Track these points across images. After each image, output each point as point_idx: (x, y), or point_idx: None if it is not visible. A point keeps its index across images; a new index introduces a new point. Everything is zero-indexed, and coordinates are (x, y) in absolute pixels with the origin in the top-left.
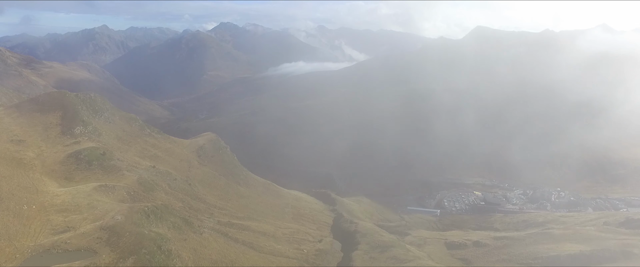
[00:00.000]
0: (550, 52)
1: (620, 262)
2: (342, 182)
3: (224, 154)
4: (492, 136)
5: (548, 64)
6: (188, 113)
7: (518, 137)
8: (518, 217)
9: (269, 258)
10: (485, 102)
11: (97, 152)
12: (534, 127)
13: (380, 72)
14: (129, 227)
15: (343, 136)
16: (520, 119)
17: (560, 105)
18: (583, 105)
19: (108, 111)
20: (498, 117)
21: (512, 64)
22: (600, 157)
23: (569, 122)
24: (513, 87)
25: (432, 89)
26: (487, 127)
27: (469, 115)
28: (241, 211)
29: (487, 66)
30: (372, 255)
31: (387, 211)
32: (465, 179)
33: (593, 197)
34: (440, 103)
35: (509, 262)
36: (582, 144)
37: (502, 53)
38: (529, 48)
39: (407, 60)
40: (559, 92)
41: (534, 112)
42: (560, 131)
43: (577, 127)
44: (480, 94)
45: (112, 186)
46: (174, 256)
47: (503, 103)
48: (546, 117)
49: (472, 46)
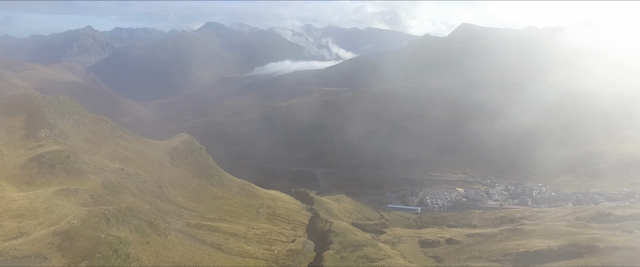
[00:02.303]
0: (534, 48)
1: (586, 257)
2: (326, 181)
3: (198, 154)
4: (476, 132)
5: (531, 59)
6: (174, 114)
7: (501, 133)
8: (496, 213)
9: (236, 259)
10: (469, 98)
11: (61, 155)
12: (516, 123)
13: (366, 70)
14: (85, 231)
15: (328, 134)
16: (504, 116)
17: (543, 101)
18: (564, 100)
19: (77, 113)
20: (482, 113)
21: (497, 60)
22: (581, 152)
23: (551, 117)
24: (497, 83)
25: (417, 87)
26: (471, 124)
27: (453, 112)
28: (213, 212)
29: (472, 63)
30: (343, 254)
31: (368, 209)
32: (448, 176)
33: (574, 192)
34: (425, 100)
35: (479, 259)
36: (563, 139)
37: (486, 49)
38: (513, 44)
39: (393, 58)
40: (542, 87)
41: (517, 108)
42: (542, 126)
43: (559, 122)
44: (464, 91)
45: (75, 190)
46: (132, 260)
47: (487, 99)
48: (529, 113)
49: (457, 43)
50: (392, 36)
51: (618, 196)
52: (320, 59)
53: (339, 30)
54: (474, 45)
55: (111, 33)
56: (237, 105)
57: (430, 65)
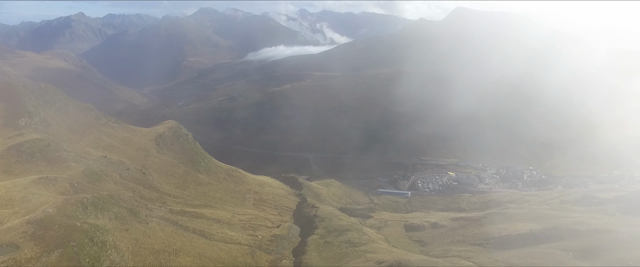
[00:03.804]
0: (528, 31)
1: (567, 240)
2: (318, 166)
3: (184, 141)
4: (468, 116)
5: (525, 43)
6: (167, 100)
7: (493, 117)
8: (485, 197)
9: (218, 245)
10: (462, 83)
11: (41, 143)
12: (508, 107)
13: (360, 55)
14: (60, 220)
15: (321, 119)
16: (496, 99)
17: (536, 84)
18: (557, 82)
19: (60, 101)
20: (474, 97)
21: (491, 44)
22: (572, 135)
23: (544, 100)
24: (490, 67)
25: (411, 71)
26: (464, 108)
27: (445, 96)
28: (198, 198)
29: (466, 47)
30: (328, 239)
31: (358, 193)
32: (440, 160)
33: (563, 175)
34: (417, 85)
35: (462, 243)
36: (554, 122)
37: (480, 33)
38: (507, 28)
39: (388, 42)
40: (535, 71)
41: (510, 92)
42: (534, 110)
43: (551, 105)
44: (457, 75)
45: (54, 178)
46: (109, 247)
47: (479, 83)
48: (521, 96)
49: (452, 27)
50: (387, 20)
51: (607, 178)
52: (315, 44)
53: (334, 15)
54: (466, 29)
55: (103, 19)
56: (230, 91)
57: (424, 49)
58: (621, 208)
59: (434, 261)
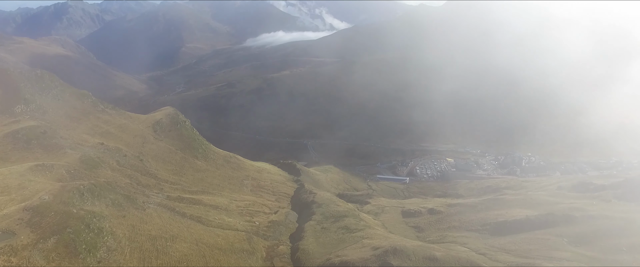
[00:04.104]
0: (527, 16)
1: (561, 226)
2: (317, 152)
3: (182, 128)
4: (467, 102)
5: (523, 28)
6: (166, 87)
7: (492, 103)
8: (483, 183)
9: (215, 231)
10: (461, 69)
11: (37, 130)
12: (507, 93)
13: (359, 41)
14: (56, 206)
15: (319, 105)
16: (494, 85)
17: (533, 69)
18: (556, 68)
19: (57, 88)
20: (473, 83)
21: (490, 30)
22: (571, 121)
23: (542, 85)
24: (489, 53)
25: (410, 57)
26: (463, 94)
27: (443, 82)
28: (195, 184)
29: (465, 33)
30: (324, 225)
31: (356, 180)
32: (438, 146)
33: (562, 161)
34: (416, 71)
35: (458, 229)
36: (552, 108)
37: (480, 19)
38: (507, 14)
39: (387, 28)
40: (532, 56)
41: (508, 78)
42: (533, 96)
43: (550, 91)
44: (456, 61)
45: (50, 165)
46: (106, 234)
47: (478, 69)
48: (520, 81)
49: (451, 13)
50: (387, 6)
51: (605, 165)
52: (314, 30)
53: (333, 0)
54: (466, 14)
55: (101, 5)
56: (229, 77)
57: (423, 35)
58: (617, 194)
59: (429, 247)
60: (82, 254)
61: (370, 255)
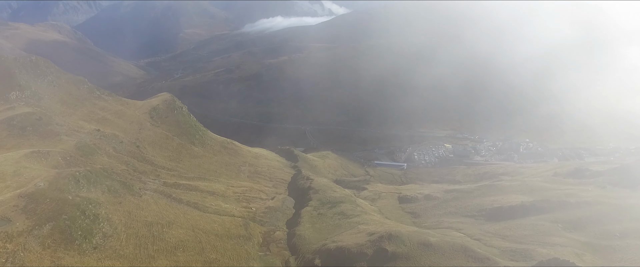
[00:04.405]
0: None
1: (556, 212)
2: (315, 137)
3: (179, 114)
4: (466, 88)
5: (520, 12)
6: (164, 72)
7: (490, 88)
8: (480, 169)
9: (212, 217)
10: (459, 54)
11: (33, 117)
12: (505, 78)
13: (358, 26)
14: (51, 193)
15: (318, 91)
16: (493, 70)
17: (531, 55)
18: (554, 54)
19: (52, 74)
20: (471, 68)
21: (490, 14)
22: (569, 107)
23: (540, 71)
24: (488, 37)
25: (407, 42)
26: (461, 79)
27: (443, 67)
28: (192, 171)
29: (465, 16)
30: (321, 211)
31: (354, 165)
32: (437, 132)
33: (559, 147)
34: (415, 56)
35: (454, 215)
36: (551, 94)
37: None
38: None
39: (386, 13)
40: (529, 41)
41: (506, 63)
42: (531, 82)
43: (547, 77)
44: (455, 46)
45: (46, 152)
46: (101, 220)
47: (478, 54)
48: (518, 67)
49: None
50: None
51: (603, 151)
52: (313, 15)
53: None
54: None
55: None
56: (227, 63)
57: (422, 19)
58: (612, 180)
59: (424, 233)
60: (77, 241)
61: (366, 240)
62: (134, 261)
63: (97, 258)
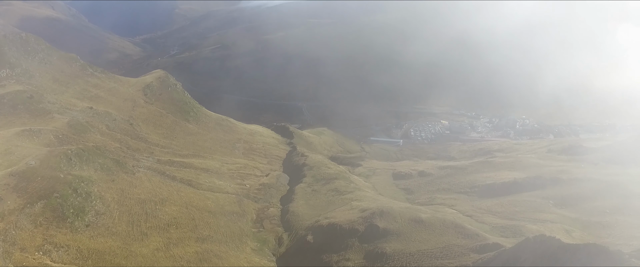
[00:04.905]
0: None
1: (548, 188)
2: (311, 114)
3: (173, 91)
4: (463, 63)
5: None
6: (160, 49)
7: (487, 64)
8: (475, 145)
9: (205, 194)
10: (455, 29)
11: (24, 95)
12: (502, 54)
13: (355, 0)
14: (43, 171)
15: (315, 67)
16: (491, 45)
17: (529, 31)
18: (551, 29)
19: (43, 52)
20: (468, 44)
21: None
22: (567, 84)
23: (538, 47)
24: (483, 11)
25: (405, 18)
26: (459, 55)
27: (440, 43)
28: (186, 148)
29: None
30: (315, 187)
31: (350, 142)
32: (433, 109)
33: (556, 124)
34: (412, 32)
35: (447, 191)
36: (549, 70)
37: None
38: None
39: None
40: (528, 17)
41: (502, 37)
42: (528, 57)
43: (545, 53)
44: (451, 21)
45: (38, 130)
46: (94, 198)
47: (473, 29)
48: (514, 42)
49: None
50: None
51: (599, 127)
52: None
53: None
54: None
55: None
56: (223, 39)
57: None
58: (605, 157)
59: (416, 209)
60: (69, 218)
61: (358, 217)
62: (126, 238)
63: (89, 235)
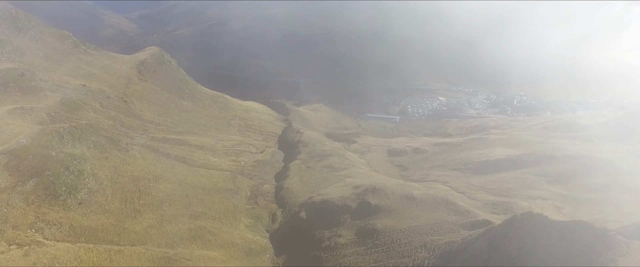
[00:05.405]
0: None
1: (542, 165)
2: (308, 90)
3: (168, 68)
4: (460, 40)
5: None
6: (157, 25)
7: (484, 40)
8: (472, 122)
9: (200, 171)
10: (453, 5)
11: (15, 73)
12: (501, 31)
13: None
14: (34, 149)
15: (311, 43)
16: (487, 22)
17: (527, 6)
18: (549, 4)
19: (35, 28)
20: (467, 21)
21: None
22: (565, 60)
23: (537, 24)
24: None
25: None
26: (456, 32)
27: (438, 20)
28: (181, 125)
29: None
30: (309, 164)
31: (347, 118)
32: (431, 85)
33: (554, 100)
34: (410, 8)
35: (441, 167)
36: (547, 47)
37: None
38: None
39: None
40: None
41: (500, 15)
42: (527, 34)
43: (543, 29)
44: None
45: (30, 108)
46: (87, 176)
47: (471, 6)
48: (512, 19)
49: None
50: None
51: (596, 104)
52: None
53: None
54: None
55: None
56: (220, 16)
57: None
58: (600, 134)
59: (408, 186)
60: (62, 196)
61: (351, 193)
62: (119, 216)
63: (82, 213)
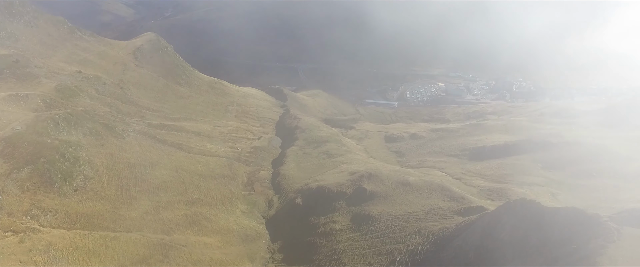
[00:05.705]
0: None
1: (537, 151)
2: (307, 76)
3: (164, 54)
4: (460, 25)
5: None
6: (154, 11)
7: (485, 27)
8: (470, 108)
9: (196, 158)
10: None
11: (9, 59)
12: (497, 14)
13: None
14: (29, 136)
15: (311, 29)
16: (485, 7)
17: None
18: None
19: (29, 14)
20: (465, 6)
21: None
22: (563, 46)
23: (535, 9)
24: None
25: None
26: (455, 17)
27: (438, 5)
28: (178, 111)
29: None
30: (306, 150)
31: (345, 104)
32: (430, 71)
33: (552, 86)
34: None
35: (438, 153)
36: (545, 32)
37: None
38: None
39: None
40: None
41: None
42: (524, 18)
43: (541, 16)
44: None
45: (25, 95)
46: (82, 163)
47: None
48: (511, 5)
49: None
50: None
51: (595, 90)
52: None
53: None
54: None
55: None
56: (218, 1)
57: None
58: (596, 120)
59: (404, 172)
60: (57, 183)
61: (346, 180)
62: (115, 202)
63: (77, 200)
